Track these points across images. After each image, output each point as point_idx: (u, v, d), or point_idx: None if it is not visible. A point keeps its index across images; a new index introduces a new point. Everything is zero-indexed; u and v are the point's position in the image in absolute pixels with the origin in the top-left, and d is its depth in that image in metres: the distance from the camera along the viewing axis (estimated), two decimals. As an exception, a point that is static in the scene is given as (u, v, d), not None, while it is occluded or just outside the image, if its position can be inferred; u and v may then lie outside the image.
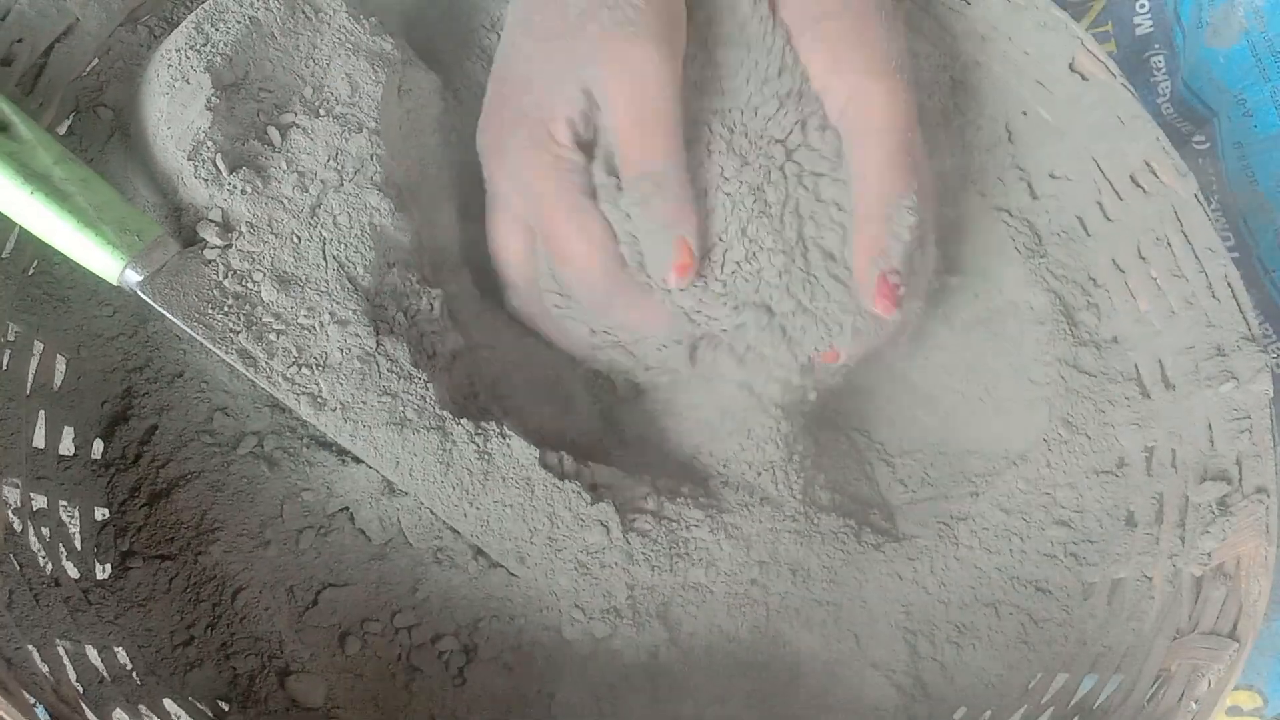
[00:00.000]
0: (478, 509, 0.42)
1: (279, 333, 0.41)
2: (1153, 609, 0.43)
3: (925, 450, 0.53)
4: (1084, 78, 0.51)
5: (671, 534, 0.43)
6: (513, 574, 0.43)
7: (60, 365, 0.42)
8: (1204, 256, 0.47)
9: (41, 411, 0.41)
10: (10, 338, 0.41)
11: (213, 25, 0.43)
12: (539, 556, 0.42)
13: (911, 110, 0.44)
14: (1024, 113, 0.54)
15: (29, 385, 0.41)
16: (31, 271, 0.42)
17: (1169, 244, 0.49)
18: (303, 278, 0.41)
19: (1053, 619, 0.46)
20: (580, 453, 0.45)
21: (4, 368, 0.41)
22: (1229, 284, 0.47)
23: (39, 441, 0.41)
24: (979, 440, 0.53)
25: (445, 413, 0.42)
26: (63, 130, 0.43)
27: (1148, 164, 0.49)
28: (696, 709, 0.43)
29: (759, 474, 0.46)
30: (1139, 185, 0.50)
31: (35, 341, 0.42)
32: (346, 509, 0.43)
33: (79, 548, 0.40)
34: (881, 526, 0.49)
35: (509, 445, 0.42)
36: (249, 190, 0.42)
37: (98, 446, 0.43)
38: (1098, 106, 0.51)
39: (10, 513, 0.38)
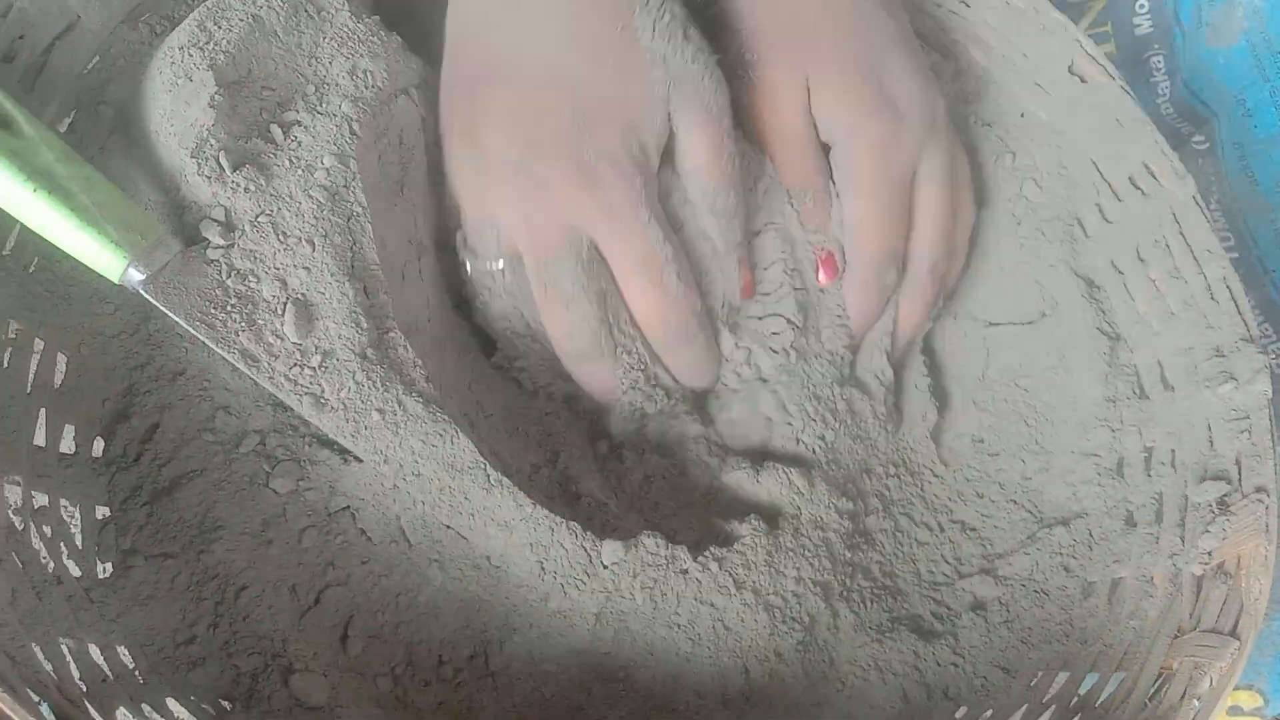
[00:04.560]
0: (477, 514, 0.42)
1: (281, 333, 0.41)
2: (1153, 608, 0.43)
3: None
4: (1083, 80, 0.51)
5: (658, 571, 0.43)
6: (511, 577, 0.43)
7: (61, 363, 0.42)
8: (1202, 258, 0.48)
9: (42, 409, 0.41)
10: (11, 335, 0.41)
11: (215, 23, 0.43)
12: (530, 566, 0.42)
13: (903, 147, 0.47)
14: (1022, 115, 0.54)
15: (30, 383, 0.41)
16: (33, 269, 0.42)
17: (1168, 246, 0.49)
18: (305, 277, 0.41)
19: (1053, 618, 0.46)
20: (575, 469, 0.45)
21: (5, 366, 0.40)
22: (1227, 286, 0.47)
23: (40, 440, 0.41)
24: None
25: (448, 416, 0.42)
26: (63, 128, 0.43)
27: (1146, 166, 0.49)
28: (687, 710, 0.43)
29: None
30: (1137, 187, 0.50)
31: (36, 339, 0.42)
32: (349, 508, 0.42)
33: (80, 546, 0.40)
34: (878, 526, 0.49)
35: (508, 453, 0.42)
36: (252, 188, 0.41)
37: (99, 445, 0.42)
38: (1096, 109, 0.51)
39: (11, 511, 0.38)
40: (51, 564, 0.38)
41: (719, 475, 0.48)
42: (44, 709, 0.32)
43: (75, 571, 0.39)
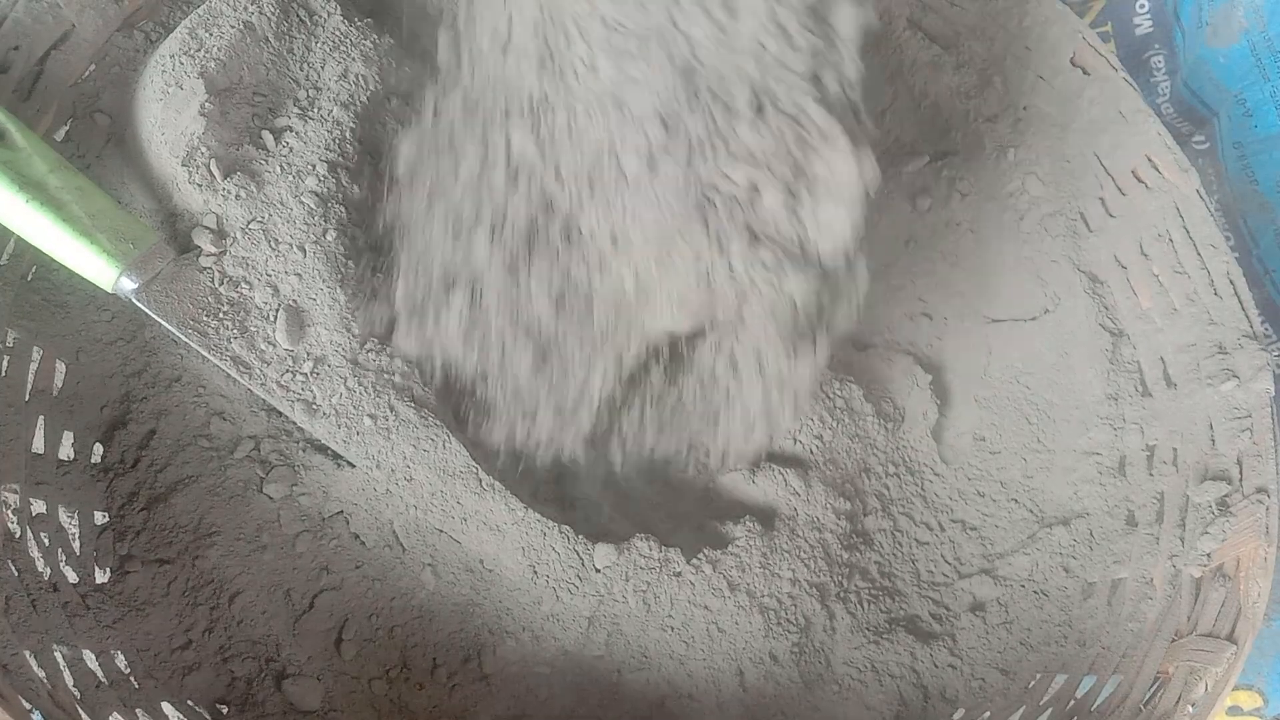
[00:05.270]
0: (469, 518, 0.42)
1: (273, 340, 0.41)
2: (1152, 610, 0.43)
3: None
4: (1085, 72, 0.50)
5: (651, 575, 0.43)
6: (504, 581, 0.43)
7: (59, 370, 0.43)
8: (1206, 252, 0.47)
9: (40, 417, 0.41)
10: (9, 344, 0.41)
11: (206, 30, 0.43)
12: (522, 570, 0.42)
13: None
14: (1025, 108, 0.53)
15: (28, 390, 0.41)
16: (30, 278, 0.43)
17: (1171, 240, 0.48)
18: (297, 283, 0.42)
19: (1052, 619, 0.46)
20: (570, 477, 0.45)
21: (3, 373, 0.41)
22: (1230, 280, 0.46)
23: (38, 446, 0.41)
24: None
25: (439, 420, 0.42)
26: (59, 137, 0.44)
27: (1149, 159, 0.49)
28: (681, 713, 0.43)
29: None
30: (1141, 180, 0.49)
31: (34, 347, 0.42)
32: (342, 513, 0.43)
33: (78, 552, 0.41)
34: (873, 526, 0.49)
35: (500, 461, 0.43)
36: (243, 195, 0.42)
37: (97, 451, 0.43)
38: (1098, 101, 0.50)
39: (9, 515, 0.38)
40: (48, 571, 0.39)
41: (715, 477, 0.48)
42: (36, 717, 0.33)
43: (72, 578, 0.40)
